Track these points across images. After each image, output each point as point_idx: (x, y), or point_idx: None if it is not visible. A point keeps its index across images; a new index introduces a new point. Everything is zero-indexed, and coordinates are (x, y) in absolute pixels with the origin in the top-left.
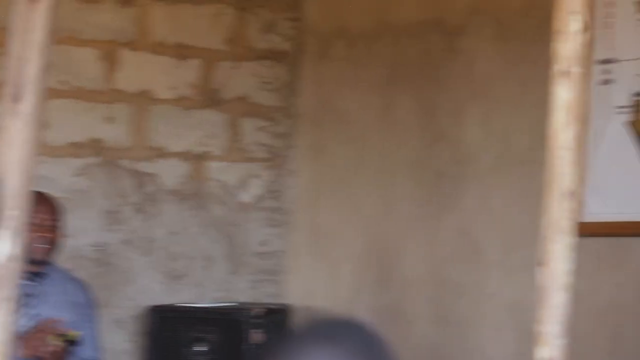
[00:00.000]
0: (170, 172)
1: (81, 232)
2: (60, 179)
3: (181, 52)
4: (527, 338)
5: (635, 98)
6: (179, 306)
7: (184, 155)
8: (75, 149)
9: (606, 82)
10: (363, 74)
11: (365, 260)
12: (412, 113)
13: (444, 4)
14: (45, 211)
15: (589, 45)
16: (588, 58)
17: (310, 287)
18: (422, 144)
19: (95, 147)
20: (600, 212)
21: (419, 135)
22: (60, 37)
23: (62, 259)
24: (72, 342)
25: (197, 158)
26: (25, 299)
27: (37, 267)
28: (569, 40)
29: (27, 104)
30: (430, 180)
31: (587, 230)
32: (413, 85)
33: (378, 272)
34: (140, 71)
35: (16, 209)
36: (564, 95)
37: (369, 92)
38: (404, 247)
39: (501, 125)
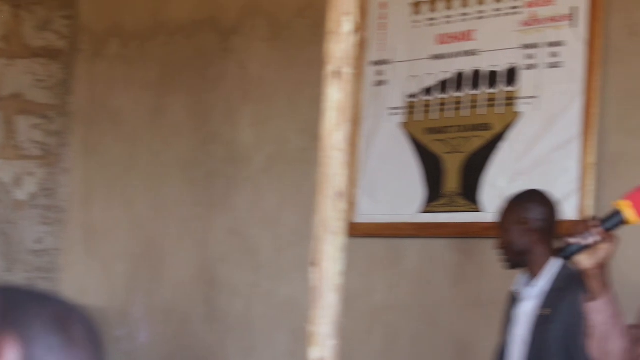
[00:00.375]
0: None
1: None
2: None
3: None
4: (301, 338)
5: (409, 99)
6: None
7: None
8: None
9: (380, 83)
10: (136, 73)
11: (139, 259)
12: (185, 113)
13: (218, 3)
14: None
15: (362, 47)
16: (360, 59)
17: (84, 285)
18: (195, 143)
19: None
20: (373, 213)
21: (192, 135)
22: None
23: None
24: None
25: None
26: None
27: None
28: (340, 41)
29: None
30: (203, 180)
31: (359, 231)
32: (186, 84)
33: (151, 271)
34: None
35: None
36: (335, 96)
37: (142, 91)
38: (177, 247)
39: (274, 126)
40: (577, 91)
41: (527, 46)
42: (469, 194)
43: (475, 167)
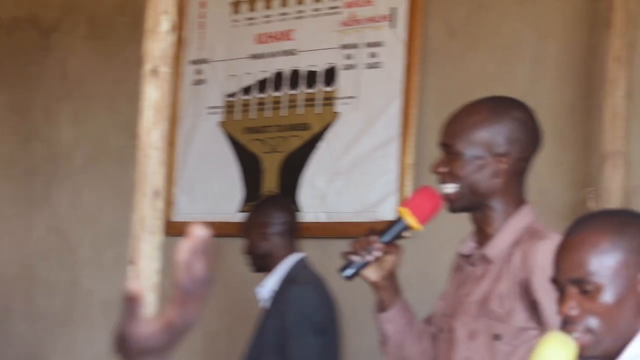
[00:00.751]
0: None
1: None
2: None
3: None
4: None
5: (227, 99)
6: None
7: None
8: None
9: (199, 82)
10: None
11: None
12: (5, 110)
13: (38, 1)
14: None
15: (180, 46)
16: (179, 58)
17: None
18: (15, 140)
19: None
20: (191, 212)
21: (12, 132)
22: None
23: None
24: None
25: None
26: None
27: None
28: (158, 40)
29: None
30: (22, 178)
31: (178, 230)
32: (6, 81)
33: None
34: None
35: None
36: (152, 94)
37: None
38: None
39: (94, 124)
40: (397, 92)
41: (346, 46)
42: (288, 194)
43: (294, 167)
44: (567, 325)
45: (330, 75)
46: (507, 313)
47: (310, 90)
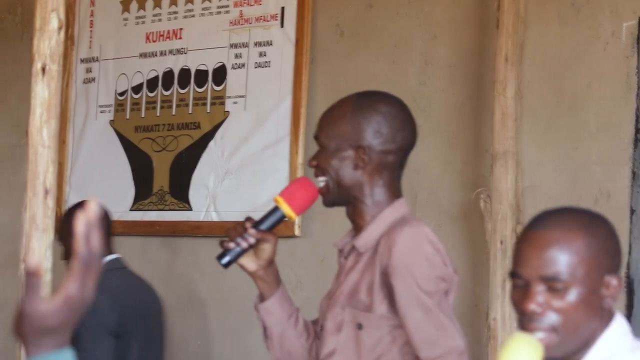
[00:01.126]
0: None
1: None
2: None
3: None
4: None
5: (118, 97)
6: None
7: None
8: None
9: (89, 80)
10: None
11: None
12: None
13: None
14: None
15: (69, 44)
16: (68, 56)
17: None
18: None
19: None
20: None
21: None
22: None
23: None
24: None
25: None
26: None
27: None
28: (47, 38)
29: None
30: None
31: None
32: None
33: None
34: None
35: None
36: (42, 92)
37: None
38: None
39: None
40: (286, 91)
41: (235, 45)
42: (179, 193)
43: (184, 166)
44: (529, 322)
45: (219, 74)
46: (371, 302)
47: (200, 89)
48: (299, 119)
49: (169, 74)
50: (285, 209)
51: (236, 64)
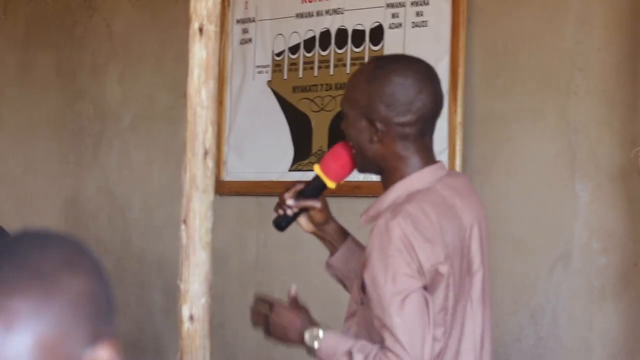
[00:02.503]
0: None
1: None
2: None
3: None
4: (172, 296)
5: (275, 58)
6: None
7: None
8: None
9: (245, 41)
10: (1, 30)
11: (7, 216)
12: (52, 70)
13: None
14: None
15: (226, 4)
16: (225, 17)
17: None
18: (63, 101)
19: None
20: (241, 171)
21: (59, 93)
22: None
23: None
24: None
25: None
26: None
27: None
28: None
29: None
30: (71, 138)
31: (229, 189)
32: (53, 42)
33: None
34: None
35: None
36: (199, 53)
37: (7, 50)
38: (46, 204)
39: (141, 84)
40: (444, 51)
41: (392, 5)
42: None
43: None
44: None
45: (377, 34)
46: (362, 282)
47: (357, 49)
48: (456, 79)
49: (325, 34)
50: (324, 178)
51: (393, 23)
